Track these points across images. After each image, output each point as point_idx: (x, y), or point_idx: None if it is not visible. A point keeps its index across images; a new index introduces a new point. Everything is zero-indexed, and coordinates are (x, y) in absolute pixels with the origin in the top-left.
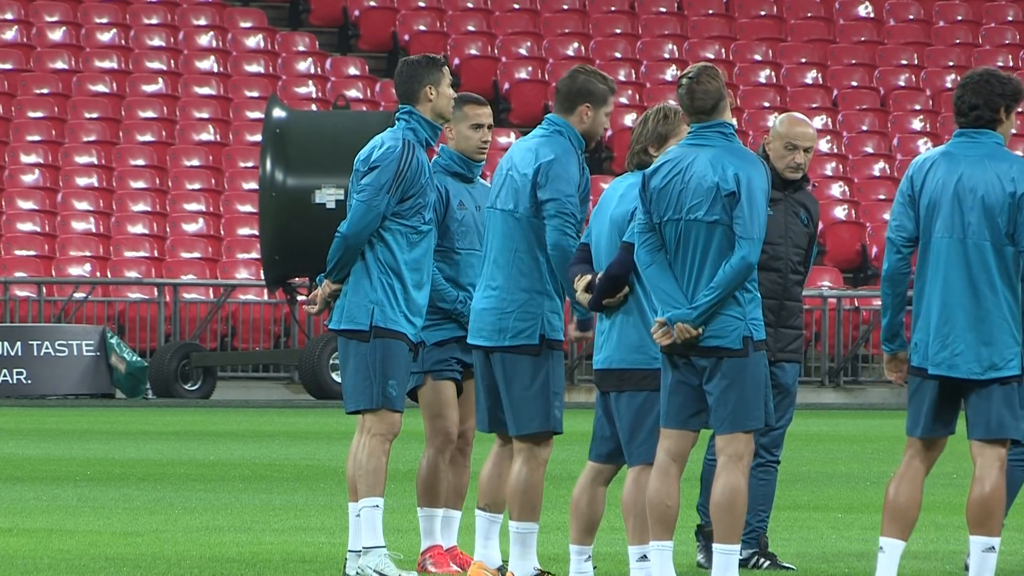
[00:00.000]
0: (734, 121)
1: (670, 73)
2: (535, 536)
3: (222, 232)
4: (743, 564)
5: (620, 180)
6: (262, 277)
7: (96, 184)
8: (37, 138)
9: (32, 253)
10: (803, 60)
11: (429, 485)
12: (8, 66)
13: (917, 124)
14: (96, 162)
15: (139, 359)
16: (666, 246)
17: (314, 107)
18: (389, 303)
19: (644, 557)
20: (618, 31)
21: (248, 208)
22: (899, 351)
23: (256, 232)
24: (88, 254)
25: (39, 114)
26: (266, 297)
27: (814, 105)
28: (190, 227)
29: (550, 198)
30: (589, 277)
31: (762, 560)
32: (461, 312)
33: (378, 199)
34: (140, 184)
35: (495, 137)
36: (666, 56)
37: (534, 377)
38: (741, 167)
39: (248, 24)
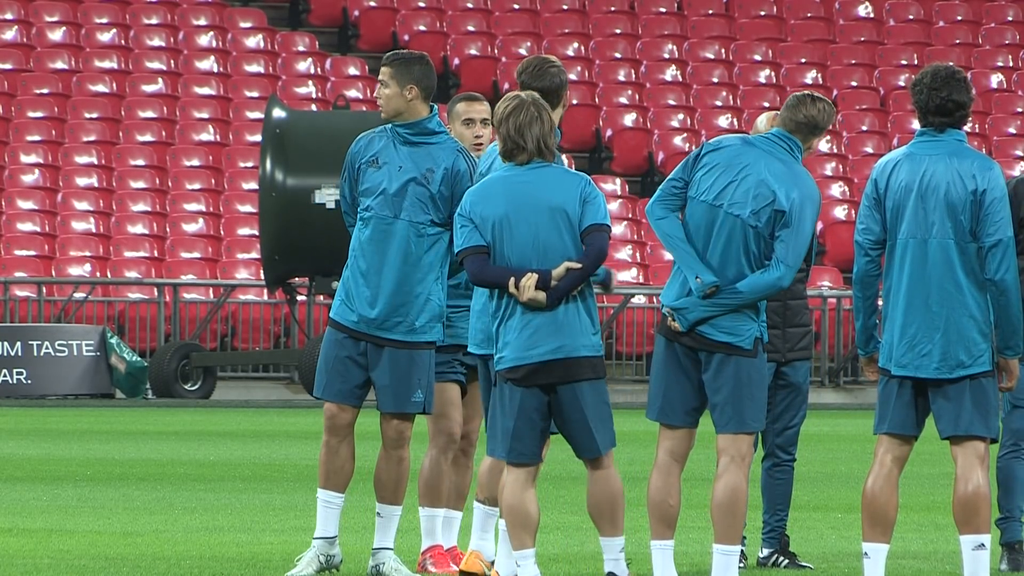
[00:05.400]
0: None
1: (670, 73)
2: None
3: (222, 232)
4: (763, 563)
5: None
6: (262, 277)
7: (96, 184)
8: (37, 138)
9: (32, 253)
10: (803, 60)
11: (431, 485)
12: (8, 66)
13: (916, 124)
14: (96, 162)
15: (139, 359)
16: (687, 221)
17: (314, 107)
18: (339, 292)
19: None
20: (618, 31)
21: (248, 208)
22: (874, 352)
23: (256, 232)
24: (88, 254)
25: (39, 114)
26: (266, 297)
27: None
28: (190, 227)
29: None
30: (536, 275)
31: (781, 559)
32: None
33: (342, 189)
34: (140, 184)
35: None
36: (666, 56)
37: None
38: (800, 192)
39: (248, 24)
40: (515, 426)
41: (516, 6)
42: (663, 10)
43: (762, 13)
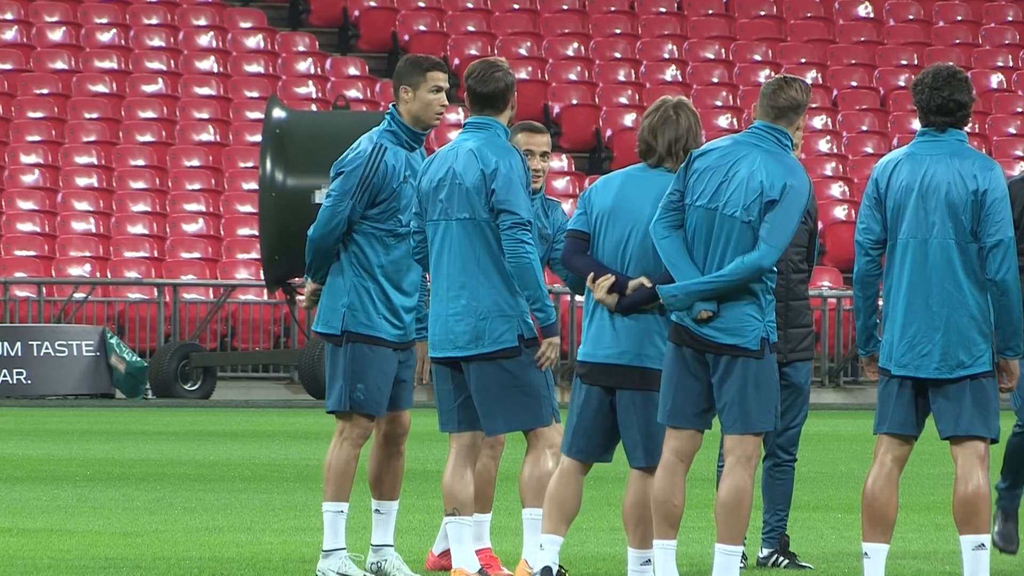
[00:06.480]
0: (798, 137)
1: (670, 73)
2: None
3: (222, 232)
4: (763, 563)
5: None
6: (262, 277)
7: (96, 184)
8: (37, 138)
9: (32, 253)
10: (803, 60)
11: (480, 490)
12: (8, 66)
13: (916, 124)
14: (96, 162)
15: (139, 359)
16: (686, 230)
17: (314, 107)
18: (363, 306)
19: (648, 561)
20: (618, 31)
21: (248, 208)
22: (874, 352)
23: (256, 232)
24: (88, 254)
25: (39, 114)
26: (266, 297)
27: (814, 105)
28: (190, 227)
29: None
30: (613, 278)
31: (781, 559)
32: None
33: (342, 205)
34: (140, 184)
35: None
36: (666, 56)
37: (517, 377)
38: (790, 179)
39: (248, 24)
40: (577, 422)
41: (516, 6)
42: (663, 10)
43: (762, 13)
